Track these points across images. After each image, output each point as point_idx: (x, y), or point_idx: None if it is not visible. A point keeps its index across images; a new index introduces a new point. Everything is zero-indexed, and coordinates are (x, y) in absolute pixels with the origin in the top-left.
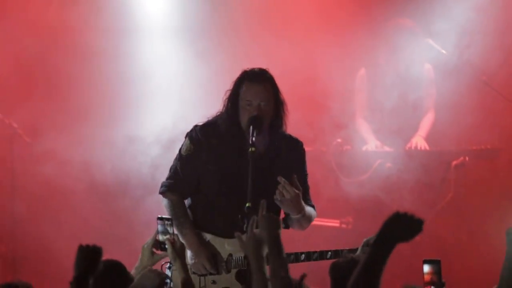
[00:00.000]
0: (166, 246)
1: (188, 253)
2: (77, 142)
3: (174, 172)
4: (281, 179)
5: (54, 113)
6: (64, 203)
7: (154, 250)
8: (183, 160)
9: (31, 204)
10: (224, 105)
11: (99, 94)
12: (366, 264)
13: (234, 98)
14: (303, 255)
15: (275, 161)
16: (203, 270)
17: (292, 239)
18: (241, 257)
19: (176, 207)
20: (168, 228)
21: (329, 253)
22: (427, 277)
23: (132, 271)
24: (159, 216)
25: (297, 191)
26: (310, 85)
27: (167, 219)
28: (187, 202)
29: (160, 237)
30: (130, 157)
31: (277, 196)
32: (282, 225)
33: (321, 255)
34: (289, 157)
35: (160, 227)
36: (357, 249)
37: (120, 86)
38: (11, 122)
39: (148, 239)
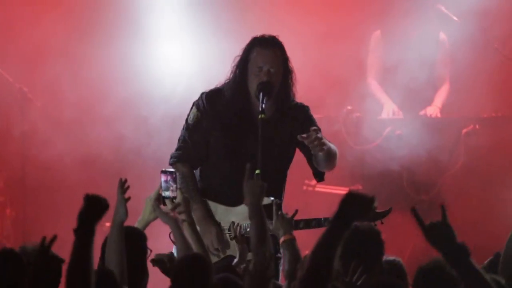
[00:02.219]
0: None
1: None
2: None
3: (183, 142)
4: (301, 137)
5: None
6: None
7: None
8: (190, 129)
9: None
10: (232, 71)
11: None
12: (322, 241)
13: (243, 64)
14: (313, 222)
15: (281, 128)
16: (210, 247)
17: (305, 207)
18: (245, 224)
19: (187, 180)
20: (171, 184)
21: None
22: None
23: (135, 224)
24: (163, 169)
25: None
26: (320, 51)
27: (171, 172)
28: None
29: (163, 193)
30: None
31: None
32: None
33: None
34: (296, 124)
35: (163, 183)
36: None
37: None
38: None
39: (152, 192)
